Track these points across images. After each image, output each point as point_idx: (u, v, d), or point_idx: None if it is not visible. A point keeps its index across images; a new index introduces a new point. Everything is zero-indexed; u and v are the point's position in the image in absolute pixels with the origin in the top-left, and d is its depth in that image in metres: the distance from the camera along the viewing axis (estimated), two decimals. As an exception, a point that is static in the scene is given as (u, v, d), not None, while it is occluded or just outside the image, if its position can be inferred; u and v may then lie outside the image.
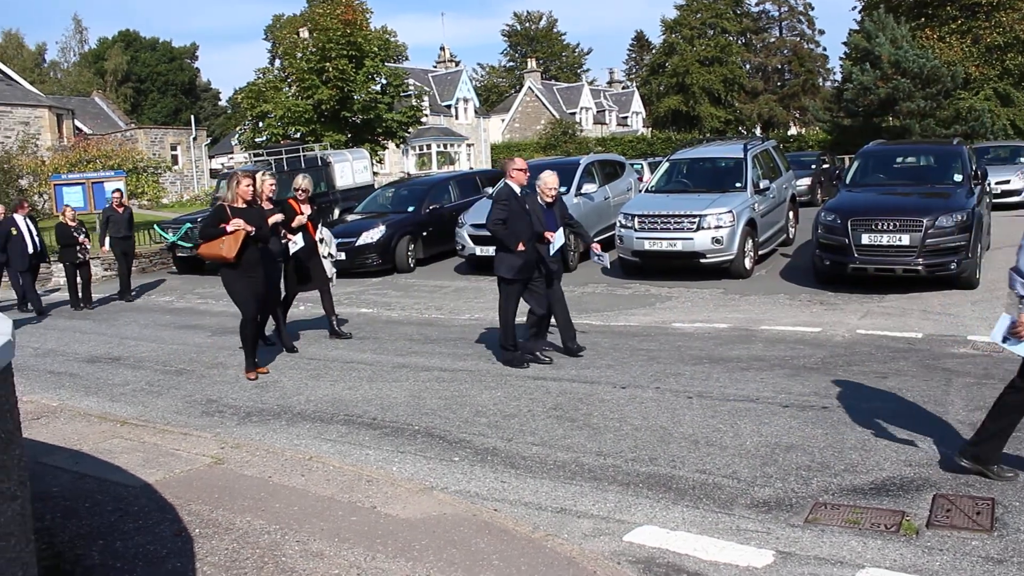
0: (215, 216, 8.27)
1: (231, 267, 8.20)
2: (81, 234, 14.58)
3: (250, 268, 8.28)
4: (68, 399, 8.16)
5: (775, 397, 6.80)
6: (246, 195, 8.37)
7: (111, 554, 4.32)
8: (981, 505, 4.57)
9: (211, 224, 8.25)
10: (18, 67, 52.46)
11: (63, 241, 14.60)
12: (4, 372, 2.82)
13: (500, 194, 8.38)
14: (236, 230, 8.06)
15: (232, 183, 8.39)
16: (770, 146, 16.13)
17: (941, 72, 32.81)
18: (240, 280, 8.30)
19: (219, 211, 8.28)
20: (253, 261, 8.30)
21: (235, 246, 8.06)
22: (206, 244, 8.25)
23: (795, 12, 72.98)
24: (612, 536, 4.48)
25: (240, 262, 8.14)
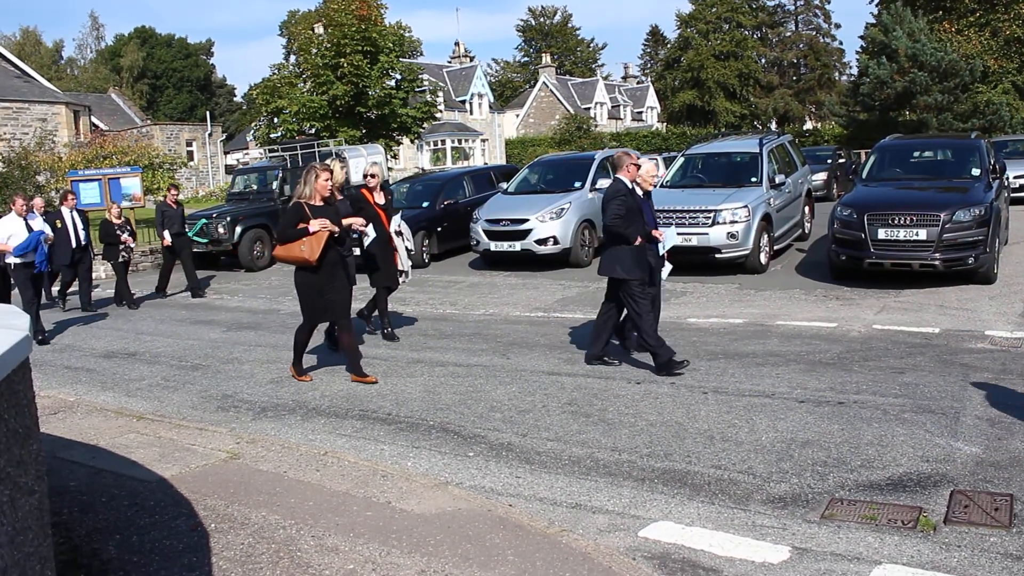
0: (293, 215, 7.55)
1: (310, 270, 7.58)
2: (125, 232, 14.25)
3: (329, 271, 7.65)
4: (85, 394, 8.21)
5: (791, 392, 6.76)
6: (324, 191, 7.66)
7: (128, 548, 4.34)
8: (999, 501, 4.53)
9: (290, 224, 7.55)
10: (35, 64, 52.79)
11: (106, 239, 14.31)
12: (22, 367, 2.83)
13: (616, 189, 7.71)
14: (319, 230, 7.42)
15: (309, 177, 7.64)
16: (786, 141, 16.04)
17: (959, 65, 32.53)
18: (317, 285, 7.66)
19: (297, 210, 7.56)
20: (333, 263, 7.69)
21: (318, 248, 7.43)
22: (284, 246, 7.58)
23: (811, 6, 72.56)
24: (627, 531, 4.47)
25: (321, 265, 7.53)
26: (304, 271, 7.64)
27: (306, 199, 7.60)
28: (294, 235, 7.48)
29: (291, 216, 7.60)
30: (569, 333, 9.68)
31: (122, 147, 28.34)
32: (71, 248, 13.41)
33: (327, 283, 7.68)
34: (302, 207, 7.55)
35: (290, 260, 7.65)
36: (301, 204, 7.58)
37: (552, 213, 14.61)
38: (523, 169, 18.25)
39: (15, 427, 2.69)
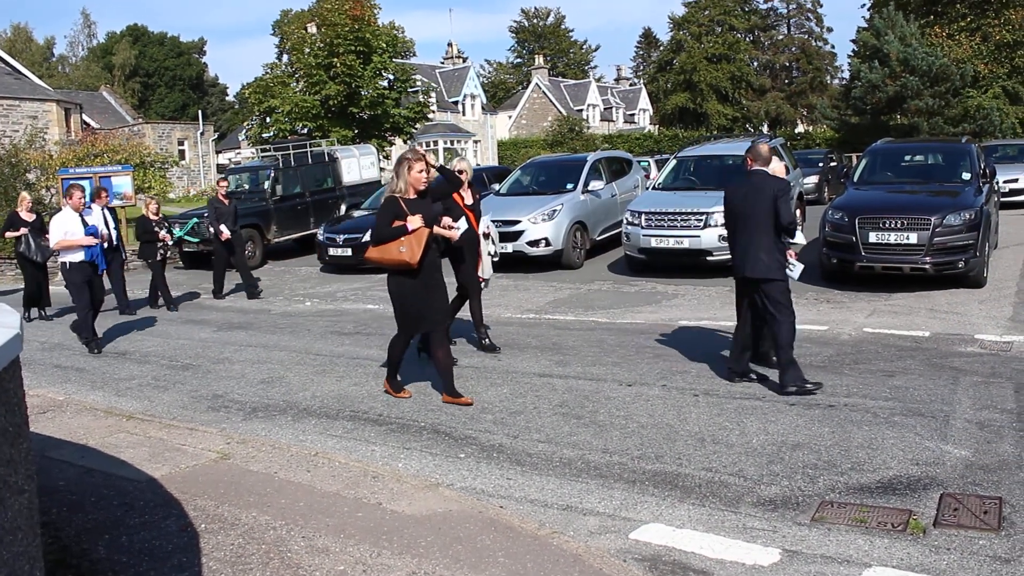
0: (388, 212, 6.71)
1: (407, 275, 6.75)
2: (163, 229, 13.64)
3: (428, 274, 6.82)
4: (74, 393, 8.18)
5: (781, 395, 6.77)
6: (419, 183, 6.82)
7: (117, 548, 4.33)
8: (988, 504, 4.55)
9: (384, 222, 6.68)
10: (26, 61, 52.63)
11: (143, 236, 13.62)
12: (12, 366, 2.82)
13: (784, 185, 7.10)
14: (419, 228, 6.64)
15: (402, 169, 6.80)
16: (777, 144, 16.06)
17: (950, 70, 32.69)
18: (418, 290, 6.81)
19: (392, 205, 6.73)
20: (431, 265, 6.87)
21: (419, 249, 6.61)
22: (378, 248, 6.73)
23: (803, 9, 72.82)
24: (618, 534, 4.48)
25: (420, 267, 6.70)
26: (400, 276, 6.80)
27: (401, 193, 6.79)
28: (390, 235, 6.64)
29: (385, 213, 6.73)
30: (561, 335, 9.69)
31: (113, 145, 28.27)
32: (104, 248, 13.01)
33: (425, 289, 6.84)
34: (397, 202, 6.73)
35: (386, 263, 6.79)
36: (396, 199, 6.75)
37: (544, 215, 14.62)
38: (515, 170, 18.26)
39: (5, 426, 2.68)
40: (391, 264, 6.74)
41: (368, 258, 6.91)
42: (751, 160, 7.20)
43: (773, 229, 6.94)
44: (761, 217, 6.94)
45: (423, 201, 6.84)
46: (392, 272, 6.87)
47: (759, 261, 6.92)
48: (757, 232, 6.96)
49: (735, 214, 7.24)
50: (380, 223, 6.73)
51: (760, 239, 6.94)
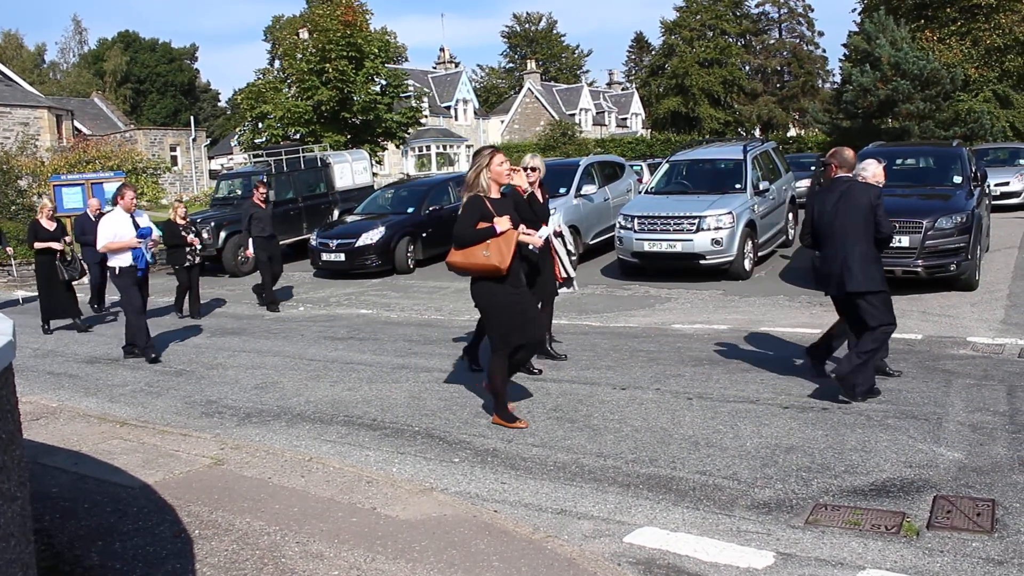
0: (472, 212, 6.07)
1: (496, 281, 6.12)
2: (191, 234, 13.05)
3: (516, 280, 6.25)
4: (67, 400, 8.15)
5: (775, 398, 6.79)
6: (502, 177, 6.22)
7: (110, 555, 4.31)
8: (981, 506, 4.57)
9: (468, 224, 6.06)
10: (17, 68, 52.49)
11: (171, 241, 13.02)
12: (5, 373, 2.81)
13: (880, 193, 6.75)
14: (507, 230, 6.04)
15: (481, 162, 6.19)
16: (770, 147, 16.13)
17: (941, 74, 32.79)
18: (510, 297, 6.17)
19: (476, 205, 6.08)
20: (518, 270, 6.32)
21: (508, 252, 6.00)
22: (462, 252, 6.11)
23: (795, 14, 73.02)
24: (612, 537, 4.48)
25: (509, 272, 6.11)
26: (488, 283, 6.15)
27: (484, 192, 6.14)
28: (475, 237, 6.03)
29: (469, 214, 6.09)
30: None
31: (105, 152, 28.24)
32: None
33: (518, 296, 6.26)
34: (481, 201, 6.08)
35: (471, 269, 6.15)
36: (480, 198, 6.09)
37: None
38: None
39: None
40: (477, 270, 6.12)
41: (451, 264, 6.26)
42: (835, 166, 6.85)
43: (869, 238, 6.55)
44: (853, 226, 6.54)
45: (508, 200, 6.30)
46: (477, 279, 6.22)
47: (855, 274, 6.48)
48: (849, 243, 6.53)
49: (822, 225, 6.80)
50: (464, 225, 6.07)
51: (854, 250, 6.51)
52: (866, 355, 6.44)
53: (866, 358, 6.44)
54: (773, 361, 8.05)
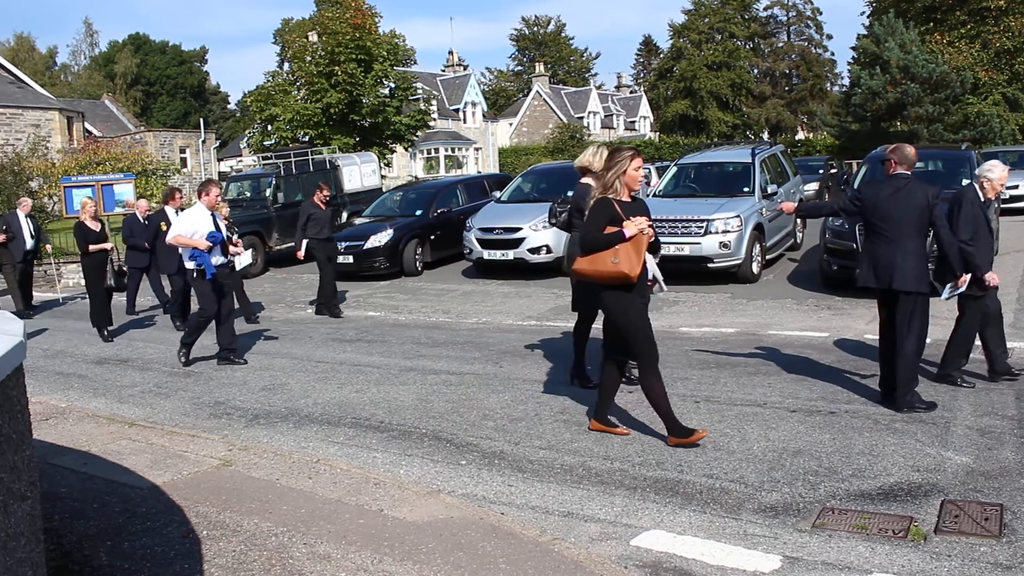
0: (601, 215, 5.70)
1: (624, 289, 5.73)
2: (234, 234, 11.98)
3: (643, 289, 5.92)
4: (77, 400, 8.19)
5: (782, 402, 6.78)
6: (635, 184, 5.86)
7: (119, 555, 4.33)
8: (989, 511, 4.56)
9: (597, 228, 5.68)
10: (29, 70, 52.73)
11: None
12: (16, 373, 2.83)
13: (939, 194, 6.52)
14: (637, 234, 5.64)
15: (618, 165, 5.78)
16: (778, 151, 16.11)
17: (950, 77, 32.71)
18: (639, 306, 5.85)
19: (605, 208, 5.71)
20: (644, 278, 5.91)
21: (639, 259, 5.65)
22: (589, 258, 5.73)
23: (803, 17, 73.00)
24: (619, 540, 4.48)
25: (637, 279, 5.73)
26: (619, 292, 5.75)
27: (615, 194, 5.79)
28: (604, 242, 5.65)
29: (597, 217, 5.73)
30: (562, 342, 9.69)
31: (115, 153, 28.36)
32: (178, 254, 11.81)
33: (644, 305, 5.95)
34: (611, 204, 5.73)
35: (597, 277, 5.75)
36: (610, 201, 5.74)
37: (545, 222, 14.61)
38: (516, 178, 18.30)
39: (9, 432, 2.69)
40: (604, 278, 5.71)
41: (577, 271, 5.91)
42: (895, 162, 6.61)
43: (922, 236, 6.46)
44: (907, 224, 6.40)
45: (638, 203, 5.90)
46: (605, 289, 5.81)
47: (903, 271, 6.34)
48: (901, 240, 6.39)
49: (872, 217, 6.61)
50: (592, 229, 5.71)
51: (905, 247, 6.38)
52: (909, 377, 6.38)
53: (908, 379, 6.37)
54: (780, 364, 8.04)
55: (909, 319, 6.40)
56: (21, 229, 14.47)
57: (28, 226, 14.62)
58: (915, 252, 6.39)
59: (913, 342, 6.39)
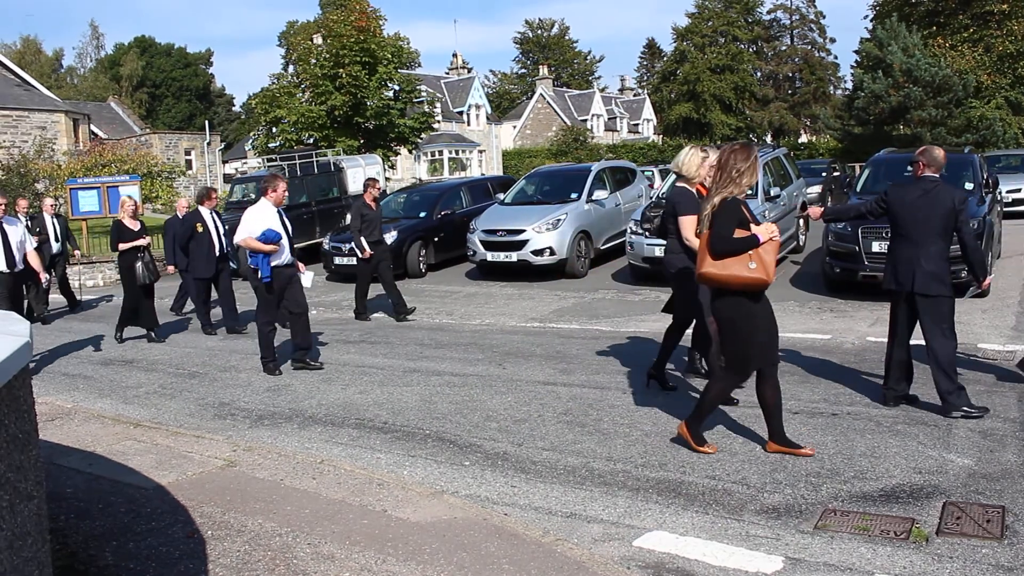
0: (731, 218, 5.33)
1: (750, 297, 5.41)
2: None
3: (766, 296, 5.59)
4: (82, 401, 8.22)
5: (785, 404, 6.76)
6: (751, 183, 5.58)
7: (124, 555, 4.35)
8: (991, 513, 4.57)
9: (728, 230, 5.30)
10: (35, 72, 52.90)
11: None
12: (22, 373, 2.86)
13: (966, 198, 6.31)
14: (771, 238, 5.34)
15: (745, 164, 5.45)
16: (781, 154, 16.11)
17: (952, 81, 32.73)
18: (764, 315, 5.52)
19: (735, 211, 5.36)
20: None
21: (773, 263, 5.36)
22: (719, 262, 5.33)
23: (806, 20, 72.98)
24: (622, 541, 4.50)
25: None
26: (740, 298, 5.40)
27: (744, 195, 5.49)
28: (741, 246, 5.29)
29: (728, 220, 5.34)
30: (565, 344, 9.71)
31: (121, 155, 28.38)
32: (215, 257, 11.49)
33: (771, 313, 5.61)
34: (741, 207, 5.42)
35: (734, 282, 5.35)
36: (739, 203, 5.43)
37: (549, 224, 14.66)
38: (520, 180, 18.32)
39: (15, 432, 2.72)
40: (738, 283, 5.34)
41: (706, 276, 5.46)
42: (923, 164, 6.62)
43: (947, 240, 6.34)
44: (932, 227, 6.31)
45: None
46: (725, 295, 5.47)
47: (926, 275, 6.27)
48: (925, 243, 6.32)
49: (897, 219, 6.54)
50: (722, 233, 5.33)
51: (928, 250, 6.30)
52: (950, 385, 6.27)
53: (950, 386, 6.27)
54: (783, 366, 8.04)
55: (935, 322, 6.33)
56: (46, 231, 14.02)
57: (55, 227, 14.20)
58: (938, 255, 6.32)
59: (944, 345, 6.30)
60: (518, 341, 10.03)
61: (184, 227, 11.76)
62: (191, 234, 11.52)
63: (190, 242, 11.58)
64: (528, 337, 10.28)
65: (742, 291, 5.37)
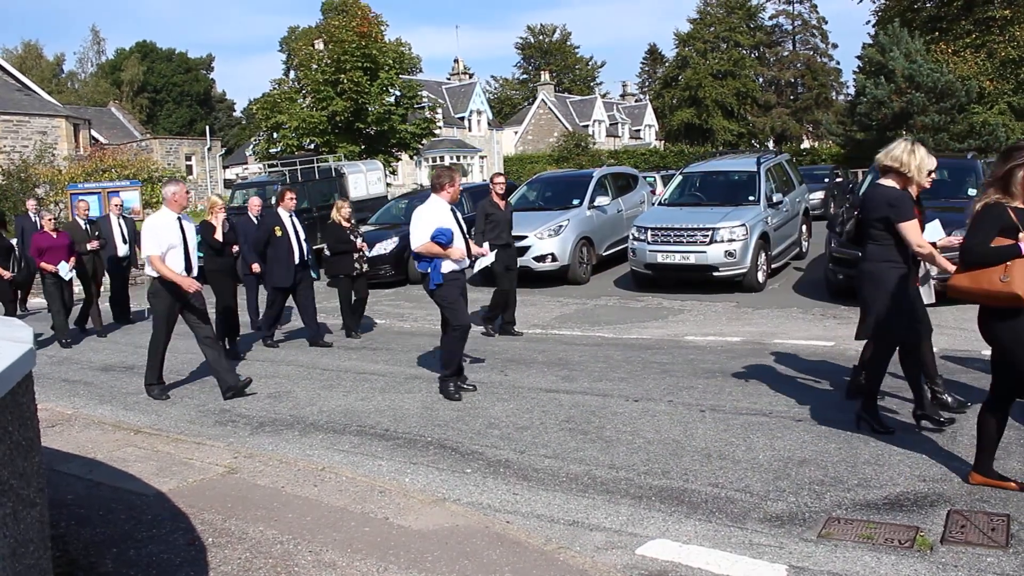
0: (991, 224, 4.73)
1: (1015, 315, 4.68)
2: (359, 238, 11.19)
3: None
4: (83, 407, 8.21)
5: (788, 411, 6.77)
6: None
7: (125, 562, 4.34)
8: (996, 521, 4.54)
9: (987, 238, 4.72)
10: (36, 77, 52.93)
11: (336, 247, 11.09)
12: (25, 380, 2.85)
13: None
14: None
15: None
16: (783, 160, 16.13)
17: (955, 86, 32.73)
18: None
19: (996, 216, 4.72)
20: None
21: None
22: (970, 274, 4.82)
23: (809, 26, 73.06)
24: (624, 549, 4.48)
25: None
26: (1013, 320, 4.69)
27: (1010, 200, 4.74)
28: (993, 256, 4.68)
29: (987, 225, 4.73)
30: (567, 350, 9.70)
31: (121, 160, 28.46)
32: (293, 264, 10.39)
33: None
34: (1006, 212, 4.71)
35: (983, 296, 4.80)
36: (1004, 207, 4.72)
37: (550, 230, 14.65)
38: (521, 186, 18.32)
39: (19, 439, 2.71)
40: (989, 298, 4.76)
41: (955, 288, 4.95)
42: None
43: None
44: None
45: None
46: (998, 315, 4.79)
47: None
48: None
49: None
50: (980, 239, 4.76)
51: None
52: None
53: None
54: (786, 374, 8.03)
55: None
56: (112, 233, 13.14)
57: (122, 229, 13.28)
58: None
59: None
60: (520, 347, 10.01)
61: (260, 230, 10.72)
62: (268, 238, 10.44)
63: (267, 247, 10.50)
64: (530, 344, 10.27)
65: (1003, 309, 4.72)
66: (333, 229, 11.21)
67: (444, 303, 7.77)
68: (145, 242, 8.01)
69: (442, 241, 7.55)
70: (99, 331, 12.64)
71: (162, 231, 8.02)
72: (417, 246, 7.66)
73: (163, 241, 7.98)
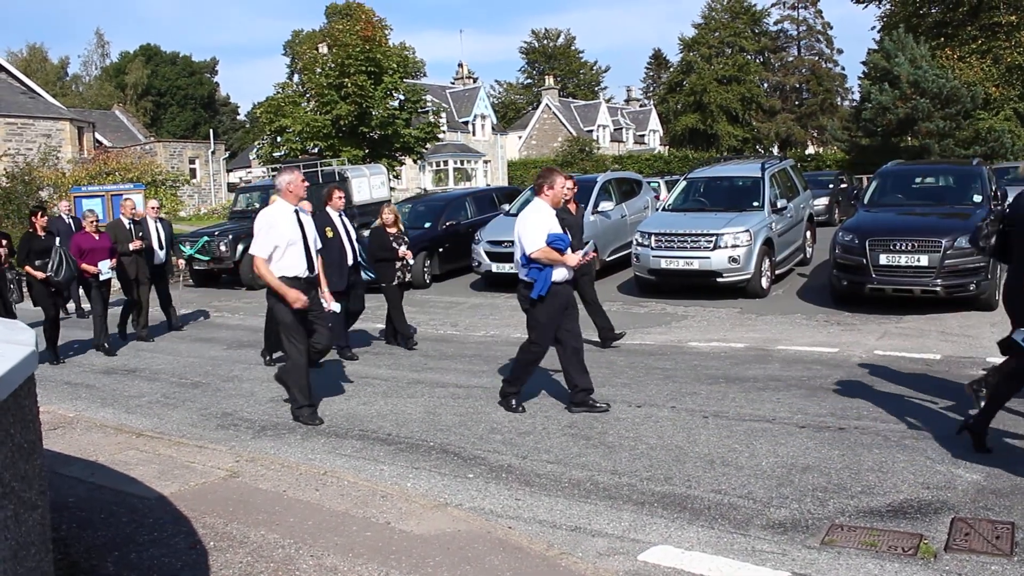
0: None
1: None
2: (403, 244, 10.63)
3: None
4: (84, 410, 8.20)
5: (791, 417, 6.76)
6: None
7: (126, 565, 4.33)
8: (1000, 529, 4.52)
9: None
10: (41, 80, 53.12)
11: (379, 253, 10.53)
12: (28, 383, 2.85)
13: None
14: None
15: None
16: (788, 165, 16.09)
17: (960, 92, 32.70)
18: None
19: None
20: None
21: None
22: None
23: (813, 31, 73.07)
24: (627, 555, 4.46)
25: None
26: None
27: None
28: None
29: None
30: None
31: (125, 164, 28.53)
32: (346, 267, 9.71)
33: None
34: None
35: None
36: None
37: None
38: (525, 191, 18.30)
39: (21, 442, 2.70)
40: None
41: None
42: None
43: None
44: None
45: None
46: None
47: None
48: None
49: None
50: None
51: None
52: None
53: None
54: (790, 380, 8.01)
55: None
56: (149, 236, 12.33)
57: (159, 233, 12.49)
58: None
59: None
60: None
61: None
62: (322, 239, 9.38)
63: None
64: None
65: None
66: (377, 235, 10.64)
67: (536, 321, 7.23)
68: (255, 239, 7.10)
69: (560, 247, 7.04)
70: (144, 336, 12.15)
71: (277, 227, 7.06)
72: (533, 251, 7.08)
73: (278, 237, 7.04)
